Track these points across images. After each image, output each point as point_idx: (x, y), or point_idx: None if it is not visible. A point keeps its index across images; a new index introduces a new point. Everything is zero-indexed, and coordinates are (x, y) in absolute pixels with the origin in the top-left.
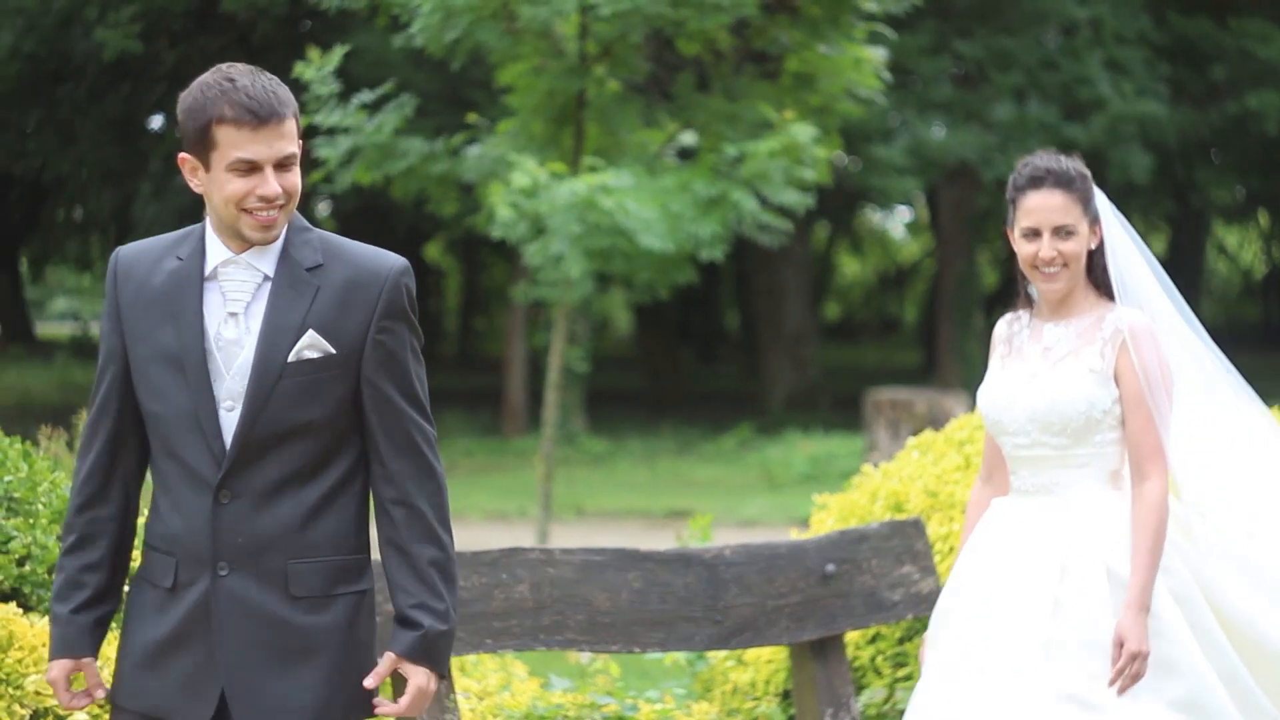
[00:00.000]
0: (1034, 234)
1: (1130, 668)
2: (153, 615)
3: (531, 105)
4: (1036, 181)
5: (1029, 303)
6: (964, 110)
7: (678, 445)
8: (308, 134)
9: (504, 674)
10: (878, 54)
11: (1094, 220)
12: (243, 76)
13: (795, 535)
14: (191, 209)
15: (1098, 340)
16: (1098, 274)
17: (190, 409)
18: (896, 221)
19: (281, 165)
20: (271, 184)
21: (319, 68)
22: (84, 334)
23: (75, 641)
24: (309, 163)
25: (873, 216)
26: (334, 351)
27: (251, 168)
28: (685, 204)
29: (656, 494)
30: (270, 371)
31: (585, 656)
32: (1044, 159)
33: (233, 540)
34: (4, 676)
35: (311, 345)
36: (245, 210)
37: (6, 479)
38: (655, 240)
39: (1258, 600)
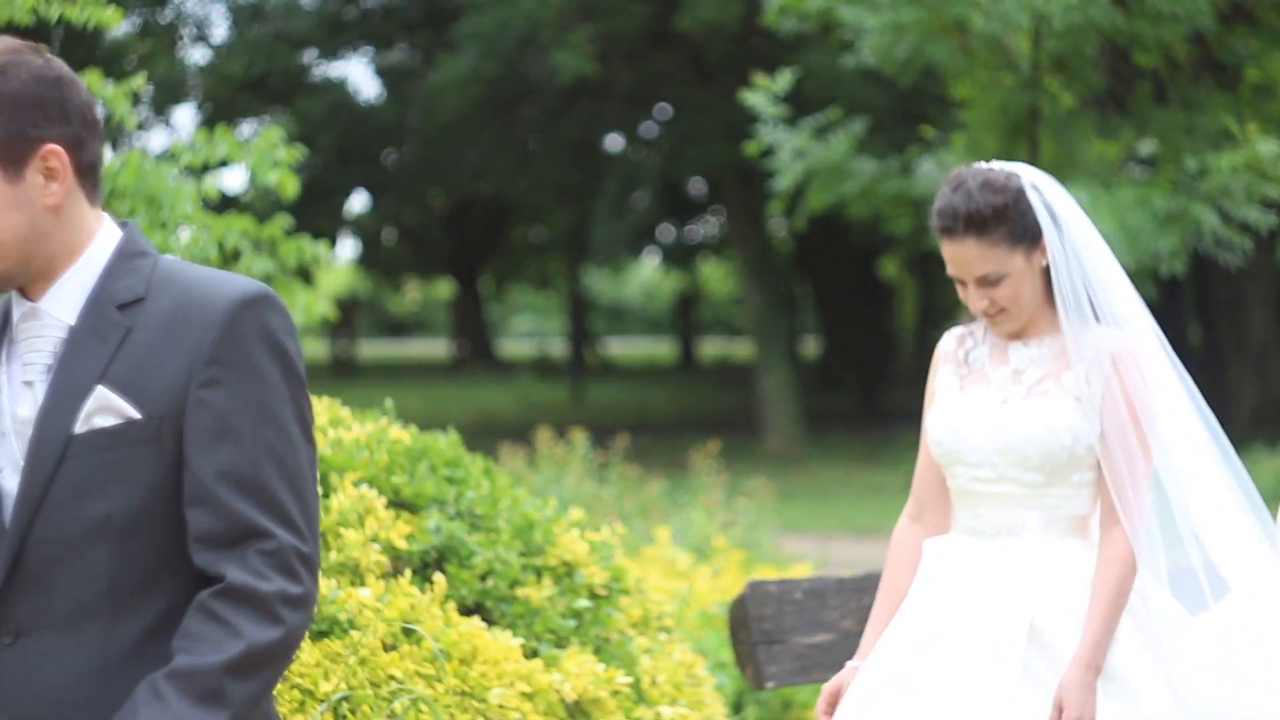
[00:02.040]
0: (959, 281)
1: None
2: None
3: (984, 119)
4: (947, 231)
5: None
6: None
7: None
8: (763, 154)
9: None
10: None
11: (1033, 242)
12: None
13: None
14: (644, 227)
15: (1079, 364)
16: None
17: None
18: None
19: None
20: None
21: (766, 92)
22: (543, 353)
23: None
24: (758, 184)
25: None
26: (138, 416)
27: None
28: (1143, 219)
29: None
30: (49, 451)
31: None
32: (956, 194)
33: (17, 697)
34: (469, 689)
35: (103, 408)
36: None
37: (469, 495)
38: None
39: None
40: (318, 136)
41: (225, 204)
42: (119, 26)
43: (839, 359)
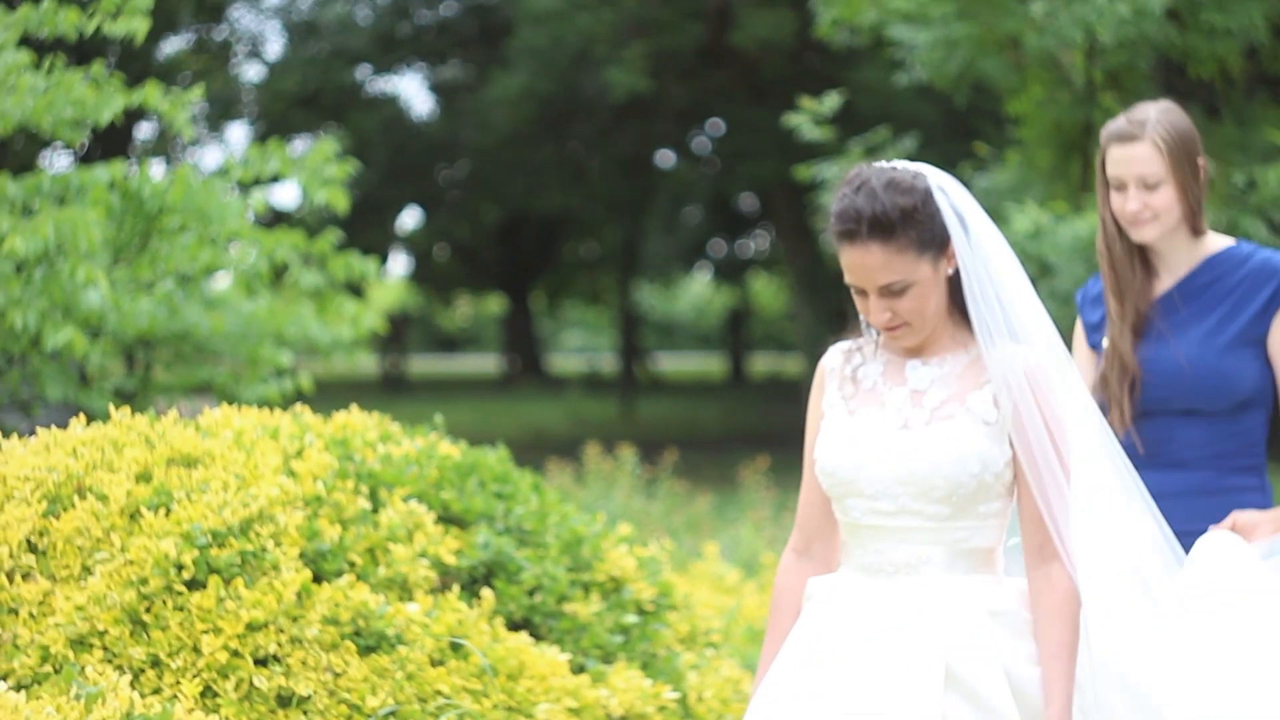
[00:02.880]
0: (858, 291)
1: None
2: None
3: (1038, 136)
4: (848, 235)
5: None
6: None
7: None
8: (810, 187)
9: None
10: None
11: (941, 248)
12: None
13: None
14: (696, 243)
15: (986, 384)
16: (962, 301)
17: None
18: None
19: None
20: None
21: (811, 115)
22: (593, 369)
23: None
24: (809, 200)
25: None
26: None
27: None
28: None
29: None
30: None
31: None
32: (858, 195)
33: None
34: (515, 704)
35: None
36: None
37: (517, 510)
38: None
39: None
40: (370, 152)
41: (277, 219)
42: (173, 43)
43: None
